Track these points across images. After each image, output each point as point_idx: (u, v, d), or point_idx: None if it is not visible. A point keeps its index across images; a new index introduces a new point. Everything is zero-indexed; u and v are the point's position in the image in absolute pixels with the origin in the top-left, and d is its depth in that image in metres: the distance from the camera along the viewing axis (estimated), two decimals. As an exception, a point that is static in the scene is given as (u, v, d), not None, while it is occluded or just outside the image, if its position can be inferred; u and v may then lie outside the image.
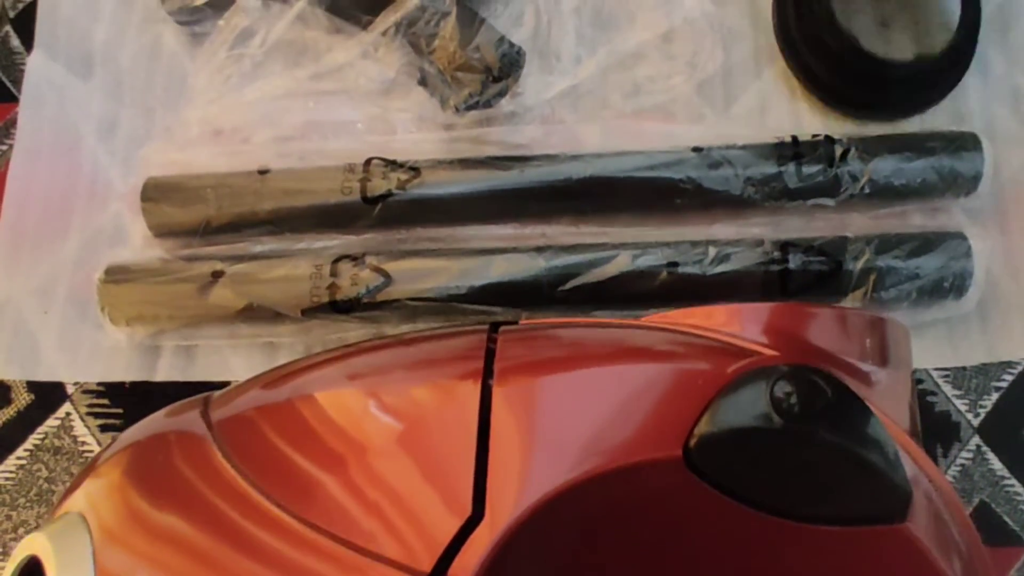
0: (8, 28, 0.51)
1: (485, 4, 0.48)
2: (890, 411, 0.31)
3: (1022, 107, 0.50)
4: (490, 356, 0.27)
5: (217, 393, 0.32)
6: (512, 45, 0.45)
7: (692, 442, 0.23)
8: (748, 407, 0.23)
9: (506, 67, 0.44)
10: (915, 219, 0.47)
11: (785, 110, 0.50)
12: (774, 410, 0.23)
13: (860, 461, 0.23)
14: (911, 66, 0.47)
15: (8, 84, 0.50)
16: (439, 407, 0.27)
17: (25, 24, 0.51)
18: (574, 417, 0.24)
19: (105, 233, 0.47)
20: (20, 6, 0.52)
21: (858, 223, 0.46)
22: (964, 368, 0.46)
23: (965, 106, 0.51)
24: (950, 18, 0.48)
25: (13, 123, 0.49)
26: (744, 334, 0.30)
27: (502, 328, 0.29)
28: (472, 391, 0.26)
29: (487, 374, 0.26)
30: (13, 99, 0.50)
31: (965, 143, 0.46)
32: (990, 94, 0.51)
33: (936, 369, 0.46)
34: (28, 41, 0.51)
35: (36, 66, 0.49)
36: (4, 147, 0.49)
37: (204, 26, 0.49)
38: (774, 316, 0.31)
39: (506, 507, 0.22)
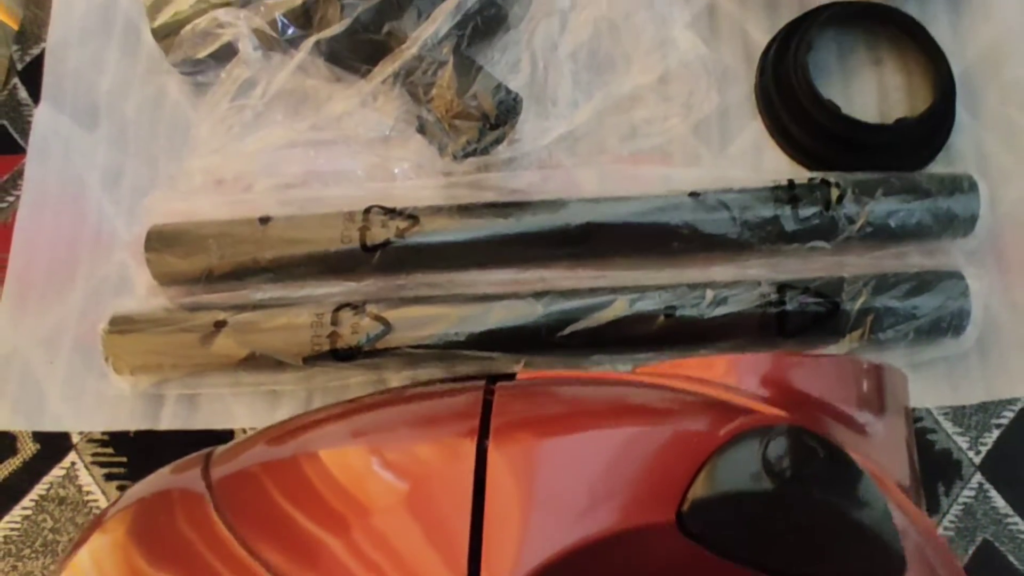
0: (16, 80, 0.52)
1: (482, 51, 0.49)
2: (886, 460, 0.31)
3: (1016, 142, 0.51)
4: (487, 413, 0.28)
5: (220, 449, 0.33)
6: (509, 92, 0.45)
7: (686, 506, 0.23)
8: (741, 470, 0.23)
9: (503, 114, 0.45)
10: (913, 259, 0.47)
11: (781, 150, 0.51)
12: (766, 473, 0.23)
13: (852, 523, 0.23)
14: (892, 130, 0.48)
15: (16, 136, 0.51)
16: (436, 467, 0.27)
17: (33, 76, 0.52)
18: (569, 481, 0.24)
19: (110, 282, 0.48)
20: (28, 59, 0.53)
21: (856, 264, 0.47)
22: (964, 406, 0.46)
23: (959, 141, 0.51)
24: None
25: (20, 174, 0.50)
26: (742, 386, 0.30)
27: (499, 384, 0.30)
28: (468, 452, 0.26)
29: (483, 434, 0.26)
30: (21, 150, 0.51)
31: (960, 185, 0.46)
32: (983, 130, 0.51)
33: (936, 407, 0.46)
34: (36, 93, 0.52)
35: (43, 119, 0.50)
36: (11, 198, 0.50)
37: (207, 76, 0.50)
38: (771, 367, 0.31)
39: (502, 573, 0.23)
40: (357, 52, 0.46)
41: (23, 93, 0.52)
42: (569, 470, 0.25)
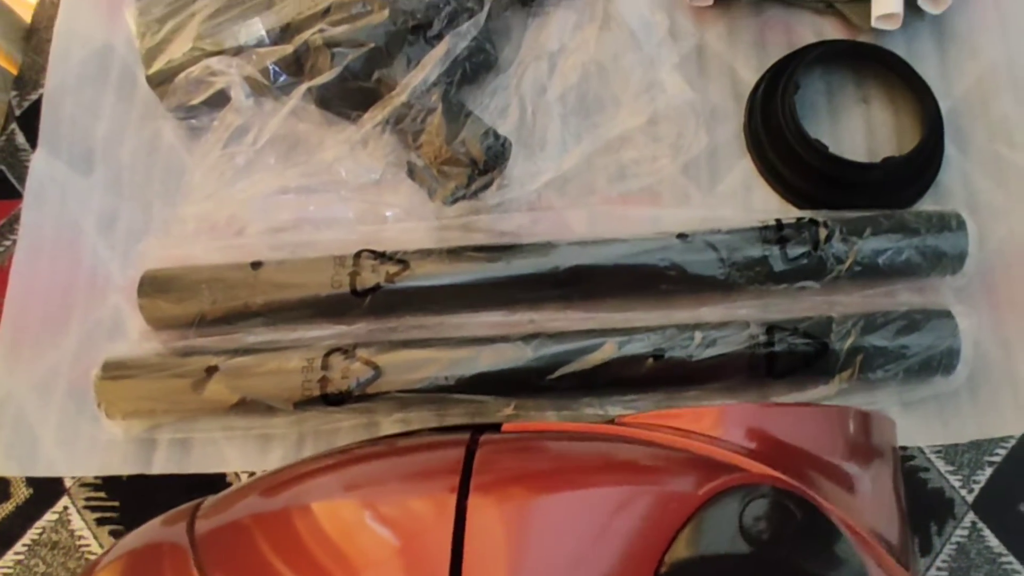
0: (14, 126, 0.53)
1: (472, 95, 0.50)
2: (872, 513, 0.31)
3: (1004, 178, 0.51)
4: (468, 468, 0.28)
5: (208, 501, 0.33)
6: (498, 137, 0.46)
7: (663, 570, 0.23)
8: (719, 531, 0.23)
9: (492, 160, 0.45)
10: (903, 297, 0.47)
11: (770, 188, 0.51)
12: (743, 535, 0.23)
13: (828, 586, 0.23)
14: (879, 168, 0.48)
15: (13, 181, 0.52)
16: (419, 523, 0.27)
17: (30, 122, 0.53)
18: (549, 542, 0.24)
19: (104, 325, 0.48)
20: (26, 104, 0.54)
21: (846, 303, 0.47)
22: (956, 444, 0.46)
23: (947, 177, 0.51)
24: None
25: (17, 219, 0.51)
26: (727, 437, 0.30)
27: (483, 437, 0.30)
28: (449, 509, 0.26)
29: (463, 491, 0.27)
30: (18, 195, 0.51)
31: (948, 223, 0.46)
32: (972, 166, 0.52)
33: (928, 445, 0.46)
34: (33, 139, 0.52)
35: (39, 165, 0.51)
36: (8, 243, 0.50)
37: (201, 120, 0.50)
38: (757, 418, 0.32)
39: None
40: (347, 99, 0.47)
41: (21, 138, 0.53)
42: (549, 531, 0.25)
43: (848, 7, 0.54)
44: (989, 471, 0.45)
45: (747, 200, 0.51)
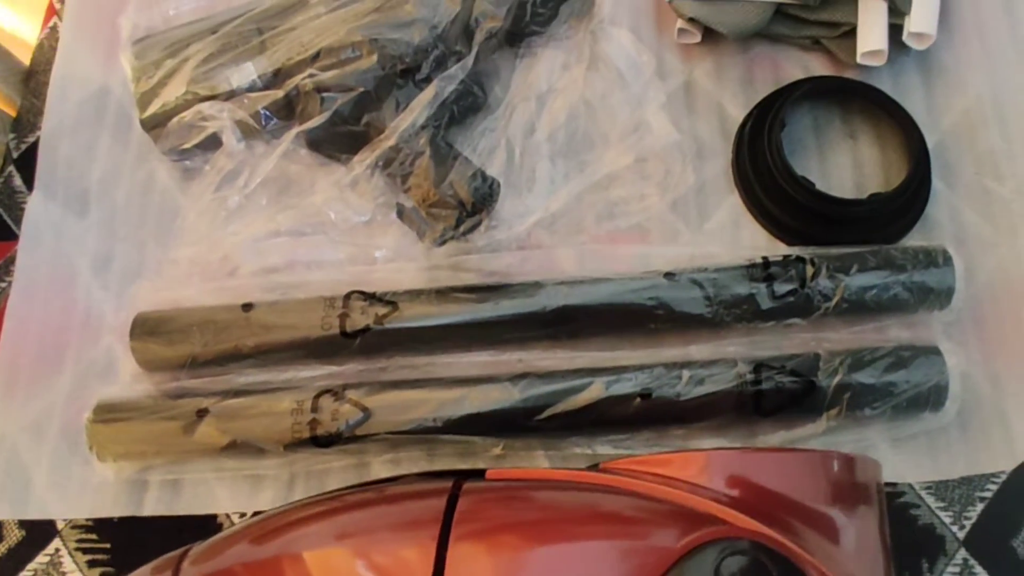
0: (11, 168, 0.54)
1: (461, 137, 0.50)
2: (854, 556, 0.31)
3: (992, 211, 0.52)
4: (449, 518, 0.28)
5: (193, 550, 0.33)
6: (486, 179, 0.46)
7: (640, 623, 0.23)
8: (694, 588, 0.24)
9: (480, 201, 0.46)
10: (891, 333, 0.47)
11: (758, 224, 0.51)
12: (717, 592, 0.23)
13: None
14: (866, 204, 0.49)
15: (10, 223, 0.52)
16: (399, 573, 0.27)
17: (28, 164, 0.54)
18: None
19: (98, 366, 0.49)
20: (23, 147, 0.55)
21: (834, 339, 0.47)
22: (947, 480, 0.46)
23: (935, 211, 0.52)
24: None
25: (13, 261, 0.51)
26: (712, 485, 0.30)
27: (465, 486, 0.30)
28: (428, 560, 0.26)
29: (443, 542, 0.27)
30: (14, 237, 0.52)
31: (935, 259, 0.47)
32: (959, 199, 0.52)
33: (918, 482, 0.46)
34: (30, 181, 0.53)
35: (35, 208, 0.52)
36: (3, 284, 0.51)
37: (195, 161, 0.51)
38: (740, 465, 0.32)
39: None
40: (337, 142, 0.47)
41: (18, 180, 0.54)
42: (526, 585, 0.25)
43: (834, 43, 0.54)
44: (980, 507, 0.45)
45: (735, 236, 0.51)
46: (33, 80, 0.56)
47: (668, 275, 0.45)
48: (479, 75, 0.49)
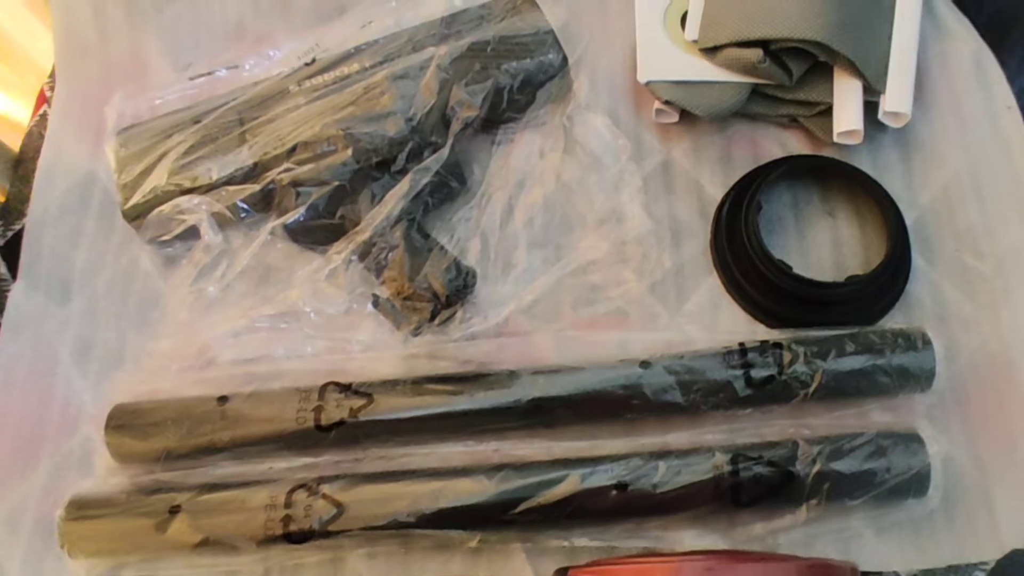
0: (-3, 255, 0.55)
1: (438, 224, 0.51)
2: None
3: (973, 289, 0.51)
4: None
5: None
6: (461, 270, 0.47)
7: None
8: None
9: (455, 293, 0.46)
10: (873, 417, 0.47)
11: (737, 306, 0.51)
12: None
13: None
14: (844, 287, 0.49)
15: (-7, 311, 0.53)
16: None
17: (13, 252, 0.54)
18: None
19: (74, 457, 0.48)
20: (9, 234, 0.55)
21: (814, 424, 0.46)
22: (933, 569, 0.45)
23: (916, 288, 0.52)
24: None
25: (-6, 349, 0.51)
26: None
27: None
28: None
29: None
30: (-3, 325, 0.52)
31: (915, 342, 0.46)
32: (940, 276, 0.52)
33: (904, 571, 0.45)
34: (14, 269, 0.53)
35: (17, 298, 0.52)
36: (-16, 374, 0.51)
37: (177, 249, 0.52)
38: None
39: None
40: (314, 235, 0.48)
41: (2, 268, 0.54)
42: None
43: (811, 121, 0.55)
44: (968, 596, 0.44)
45: (715, 318, 0.51)
46: (22, 167, 0.57)
47: (644, 364, 0.45)
48: (455, 164, 0.49)
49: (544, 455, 0.45)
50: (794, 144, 0.56)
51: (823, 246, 0.53)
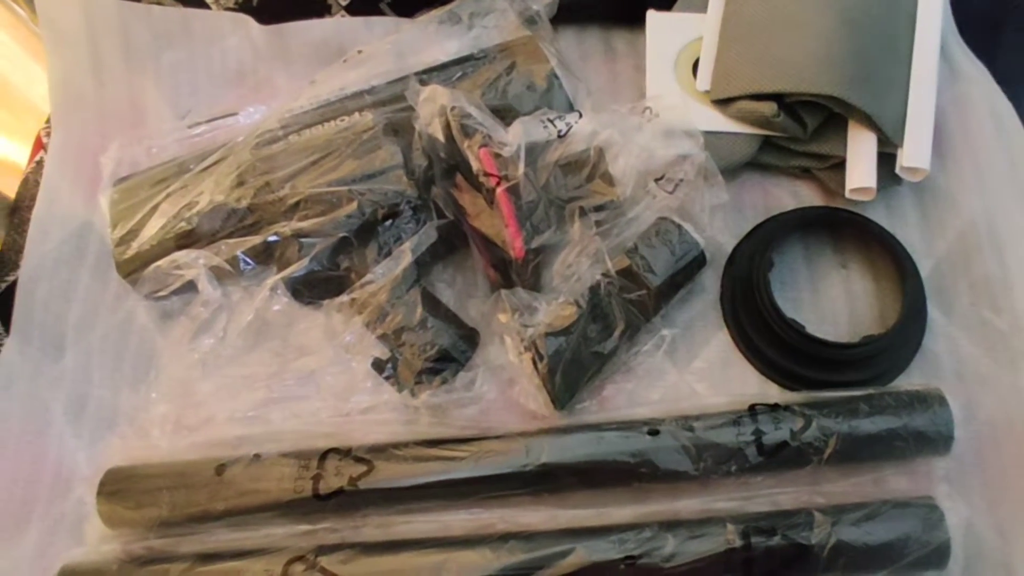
0: (-11, 308, 0.53)
1: (446, 275, 0.50)
2: None
3: (991, 344, 0.50)
4: None
5: None
6: (462, 331, 0.46)
7: None
8: None
9: (457, 354, 0.45)
10: (890, 484, 0.46)
11: (748, 363, 0.50)
12: None
13: None
14: (859, 347, 0.48)
15: (-16, 366, 0.52)
16: None
17: (6, 304, 0.53)
18: None
19: (67, 520, 0.47)
20: (3, 286, 0.54)
21: (829, 491, 0.45)
22: (958, 642, 0.43)
23: (933, 343, 0.50)
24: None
25: (-14, 405, 0.50)
26: None
27: None
28: None
29: None
30: (-11, 381, 0.51)
31: (931, 404, 0.45)
32: (957, 331, 0.50)
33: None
34: (8, 322, 0.52)
35: (10, 355, 0.51)
36: (-24, 432, 0.50)
37: (173, 303, 0.50)
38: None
39: None
40: (317, 288, 0.47)
41: (-4, 322, 0.53)
42: None
43: (825, 173, 0.54)
44: (990, 669, 0.43)
45: (724, 376, 0.50)
46: (17, 216, 0.56)
47: (652, 431, 0.44)
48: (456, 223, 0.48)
49: (550, 524, 0.43)
50: (806, 193, 0.55)
51: (837, 300, 0.52)
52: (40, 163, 0.57)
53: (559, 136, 0.48)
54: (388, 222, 0.46)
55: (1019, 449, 0.47)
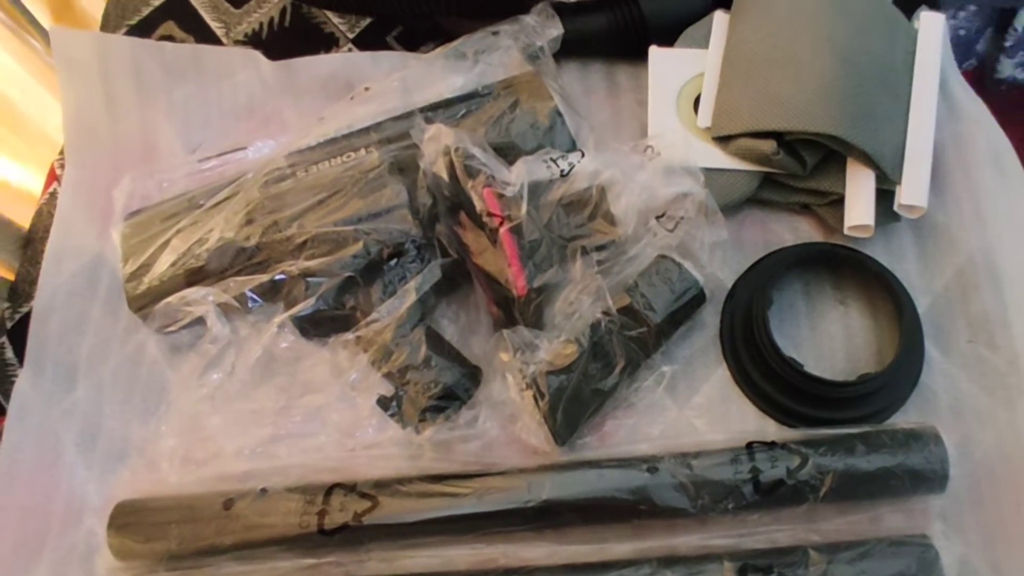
0: (4, 340, 0.54)
1: (450, 311, 0.51)
2: None
3: (988, 382, 0.50)
4: None
5: None
6: (466, 368, 0.46)
7: None
8: None
9: (461, 391, 0.45)
10: (886, 520, 0.46)
11: (747, 399, 0.51)
12: None
13: None
14: (856, 385, 0.48)
15: (-1, 397, 0.53)
16: None
17: (20, 336, 0.54)
18: None
19: (77, 551, 0.48)
20: (18, 316, 0.55)
21: (826, 529, 0.46)
22: None
23: (930, 380, 0.51)
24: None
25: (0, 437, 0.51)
26: None
27: None
28: None
29: None
30: (1, 412, 0.52)
31: (927, 443, 0.46)
32: (954, 368, 0.51)
33: None
34: (21, 353, 0.53)
35: (23, 387, 0.52)
36: (-9, 462, 0.51)
37: (183, 336, 0.51)
38: None
39: None
40: (323, 326, 0.48)
41: (9, 353, 0.54)
42: None
43: (824, 210, 0.54)
44: None
45: (723, 412, 0.50)
46: (31, 248, 0.57)
47: (651, 469, 0.44)
48: (460, 263, 0.49)
49: (551, 559, 0.44)
50: (806, 228, 0.55)
51: (835, 337, 0.52)
52: (54, 195, 0.59)
53: (562, 175, 0.49)
54: (393, 261, 0.47)
55: (1015, 486, 0.48)
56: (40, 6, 0.70)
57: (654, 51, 0.57)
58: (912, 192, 0.51)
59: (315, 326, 0.48)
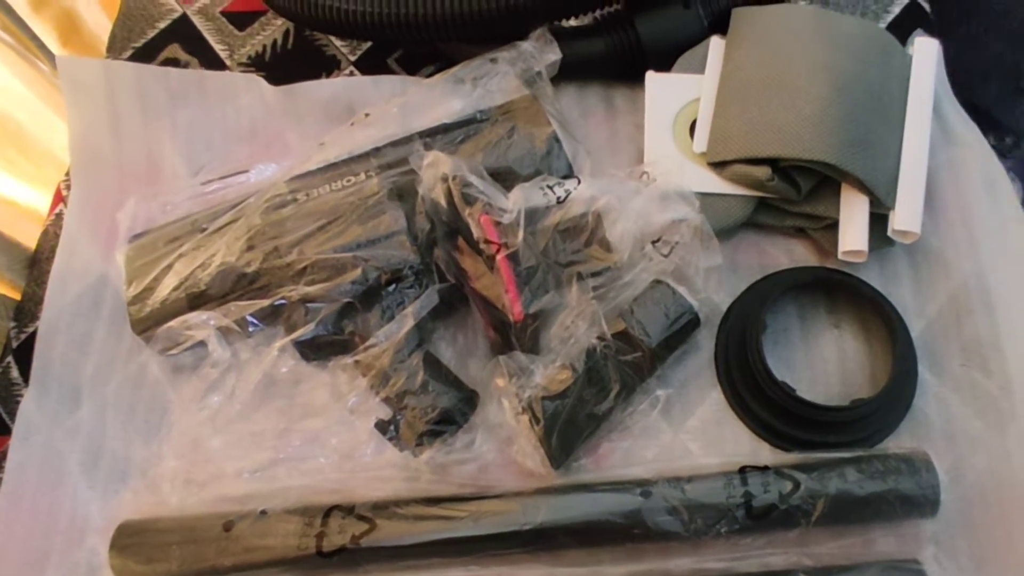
0: (10, 359, 0.55)
1: (448, 334, 0.52)
2: None
3: (981, 406, 0.51)
4: None
5: None
6: (463, 392, 0.47)
7: None
8: None
9: (458, 415, 0.46)
10: (878, 545, 0.47)
11: (741, 422, 0.51)
12: None
13: None
14: (849, 410, 0.49)
15: (4, 417, 0.53)
16: None
17: (26, 355, 0.55)
18: None
19: (80, 570, 0.49)
20: (23, 336, 0.56)
21: (818, 553, 0.46)
22: None
23: (924, 404, 0.51)
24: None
25: (3, 457, 0.52)
26: None
27: None
28: None
29: None
30: (7, 431, 0.53)
31: (918, 469, 0.46)
32: (948, 392, 0.51)
33: None
34: (26, 373, 0.54)
35: (28, 407, 0.52)
36: (-4, 479, 0.52)
37: (185, 358, 0.52)
38: None
39: None
40: (321, 351, 0.48)
41: (15, 372, 0.55)
42: None
43: (819, 234, 0.55)
44: None
45: (718, 435, 0.51)
46: (37, 268, 0.58)
47: (644, 492, 0.45)
48: (459, 287, 0.50)
49: (548, 578, 0.45)
50: (801, 252, 0.56)
51: (829, 360, 0.53)
52: (60, 216, 0.60)
53: (558, 202, 0.50)
54: (391, 287, 0.48)
55: (1007, 511, 0.48)
56: (48, 30, 0.71)
57: (651, 76, 0.58)
58: (906, 218, 0.52)
59: (315, 350, 0.48)
